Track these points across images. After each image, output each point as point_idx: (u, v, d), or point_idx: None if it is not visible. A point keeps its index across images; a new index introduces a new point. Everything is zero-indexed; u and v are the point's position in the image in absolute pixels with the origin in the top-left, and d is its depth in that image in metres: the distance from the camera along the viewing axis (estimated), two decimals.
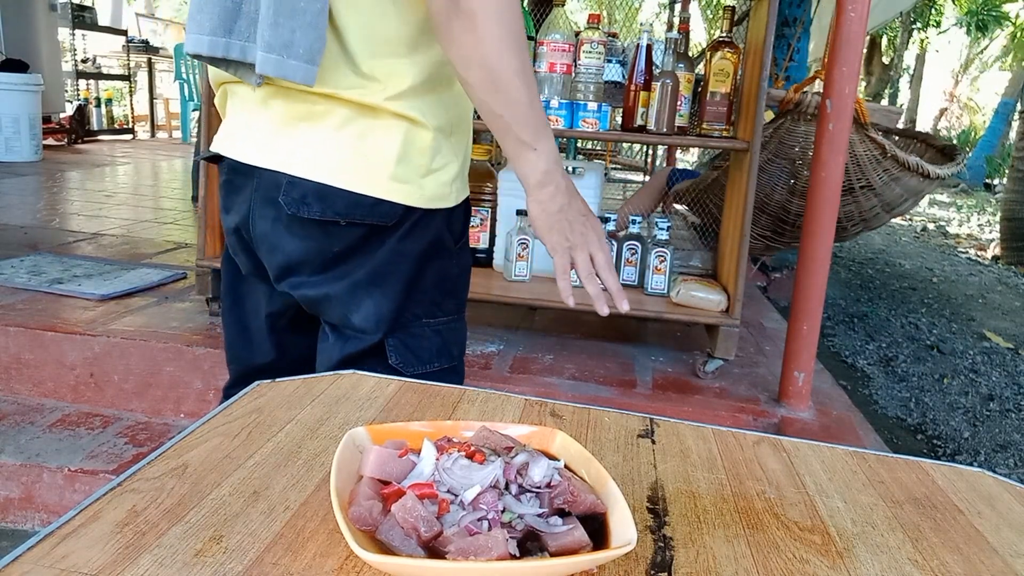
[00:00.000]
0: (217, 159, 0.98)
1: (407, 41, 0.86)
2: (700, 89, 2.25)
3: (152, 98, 9.10)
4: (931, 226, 8.75)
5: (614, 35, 3.02)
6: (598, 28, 2.13)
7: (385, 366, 0.93)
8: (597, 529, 0.50)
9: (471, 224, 2.44)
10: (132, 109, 9.66)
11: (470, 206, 1.02)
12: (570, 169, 2.53)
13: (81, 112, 7.45)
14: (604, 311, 0.91)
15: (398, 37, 0.86)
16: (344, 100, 0.86)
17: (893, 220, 8.92)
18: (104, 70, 8.76)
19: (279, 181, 0.88)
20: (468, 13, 0.78)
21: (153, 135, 9.00)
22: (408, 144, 0.89)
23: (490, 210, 2.43)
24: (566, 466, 0.57)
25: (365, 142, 0.87)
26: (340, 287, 0.93)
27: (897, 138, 3.38)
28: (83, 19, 7.83)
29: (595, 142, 6.85)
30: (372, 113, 0.87)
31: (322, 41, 0.81)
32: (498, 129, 0.86)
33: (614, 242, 2.37)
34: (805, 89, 2.75)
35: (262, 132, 0.90)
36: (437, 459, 0.53)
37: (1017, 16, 15.19)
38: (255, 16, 0.82)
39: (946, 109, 18.88)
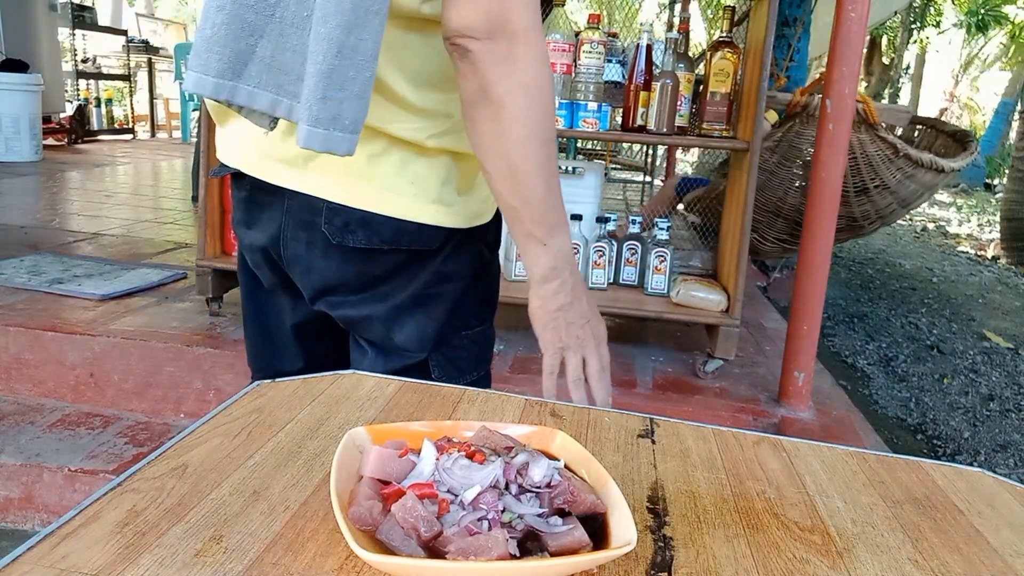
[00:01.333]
0: (237, 174, 0.93)
1: (449, 78, 0.83)
2: (700, 89, 2.25)
3: (152, 98, 9.10)
4: (931, 226, 8.75)
5: (614, 35, 3.02)
6: (598, 28, 2.13)
7: (426, 379, 0.90)
8: (597, 529, 0.50)
9: None
10: (132, 109, 9.66)
11: (501, 216, 0.99)
12: (570, 169, 2.53)
13: (81, 112, 7.45)
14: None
15: (441, 74, 0.84)
16: (387, 137, 0.84)
17: (900, 218, 8.94)
18: (104, 70, 8.76)
19: (316, 206, 0.85)
20: (496, 103, 0.75)
21: (153, 135, 9.00)
22: (450, 170, 0.88)
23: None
24: (566, 466, 0.57)
25: (407, 169, 0.85)
26: (382, 308, 0.91)
27: (904, 128, 3.39)
28: (83, 19, 7.83)
29: (595, 142, 6.86)
30: (421, 151, 0.85)
31: (366, 110, 0.76)
32: (510, 218, 0.83)
33: (614, 242, 2.37)
34: (813, 91, 2.76)
35: (289, 152, 0.85)
36: (437, 459, 0.53)
37: (1016, 16, 15.19)
38: (269, 61, 0.76)
39: (946, 109, 18.88)
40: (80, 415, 2.06)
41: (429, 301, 0.91)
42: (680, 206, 3.54)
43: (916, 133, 3.45)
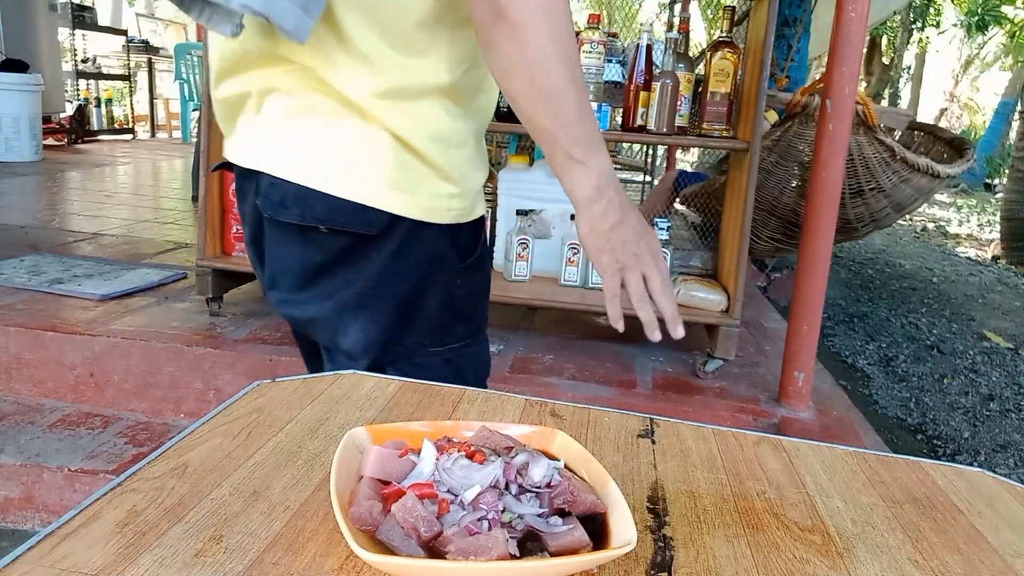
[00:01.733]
0: (228, 167, 0.93)
1: (408, 38, 0.80)
2: (700, 89, 2.25)
3: (152, 98, 9.10)
4: (931, 226, 8.75)
5: (614, 35, 3.02)
6: (598, 28, 2.13)
7: None
8: (597, 529, 0.50)
9: None
10: (132, 109, 9.66)
11: (484, 224, 0.95)
12: None
13: (81, 112, 7.45)
14: (656, 337, 0.84)
15: (398, 29, 0.79)
16: (335, 96, 0.81)
17: (894, 222, 8.92)
18: (104, 70, 8.76)
19: (261, 184, 0.84)
20: (513, 22, 0.72)
21: (153, 135, 9.00)
22: (398, 152, 0.82)
23: (490, 210, 2.43)
24: (566, 466, 0.57)
25: (354, 145, 0.82)
26: (327, 308, 0.87)
27: (903, 132, 3.39)
28: (83, 19, 7.83)
29: None
30: (363, 115, 0.81)
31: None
32: (545, 142, 0.80)
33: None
34: (813, 92, 2.76)
35: (259, 134, 0.85)
36: (437, 459, 0.53)
37: (1016, 16, 15.19)
38: None
39: (946, 109, 18.88)
40: (80, 415, 2.06)
41: (374, 301, 0.86)
42: (677, 201, 3.54)
43: (914, 139, 3.45)
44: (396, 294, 0.87)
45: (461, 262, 0.90)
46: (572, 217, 2.29)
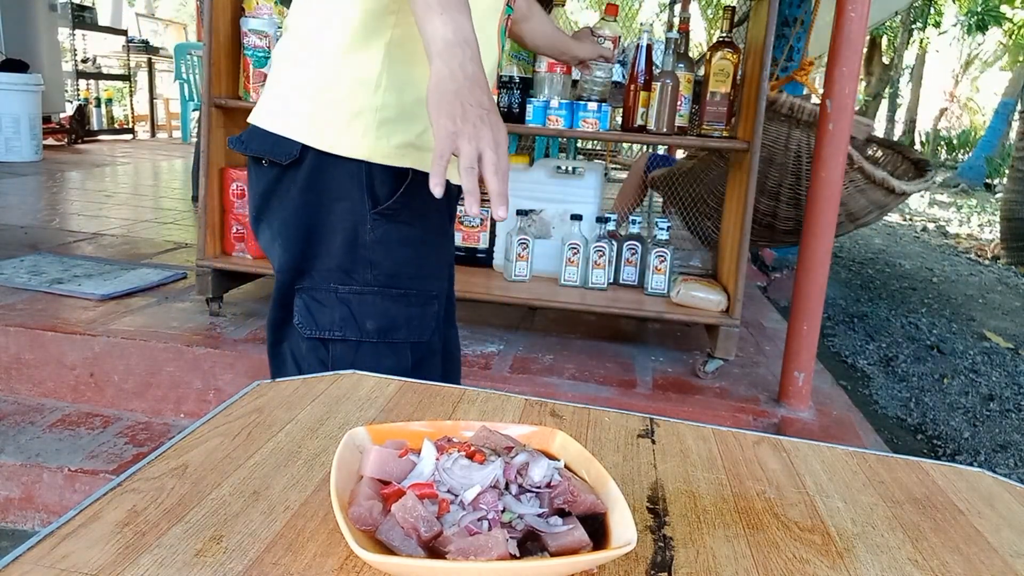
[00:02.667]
0: None
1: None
2: (700, 89, 2.25)
3: (152, 98, 9.10)
4: (931, 226, 8.75)
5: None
6: (614, 20, 2.13)
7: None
8: (597, 529, 0.50)
9: (471, 224, 2.45)
10: (132, 109, 9.66)
11: (416, 180, 0.96)
12: (570, 169, 2.53)
13: (81, 112, 7.45)
14: (473, 210, 0.80)
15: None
16: (294, 44, 0.97)
17: (893, 220, 8.89)
18: (104, 70, 8.76)
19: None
20: None
21: (153, 135, 9.00)
22: (322, 90, 0.93)
23: (490, 210, 2.42)
24: (566, 466, 0.57)
25: (286, 87, 0.96)
26: (266, 237, 1.01)
27: (875, 147, 3.39)
28: (83, 19, 7.83)
29: (595, 142, 6.85)
30: (304, 60, 0.95)
31: None
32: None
33: (614, 242, 2.37)
34: (781, 88, 2.72)
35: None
36: (437, 459, 0.53)
37: (1015, 16, 15.18)
38: None
39: (946, 109, 18.88)
40: (80, 415, 2.06)
41: (287, 229, 0.97)
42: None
43: (881, 154, 3.43)
44: (303, 224, 0.96)
45: (372, 207, 0.95)
46: (572, 217, 2.30)
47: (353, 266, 0.95)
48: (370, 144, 0.93)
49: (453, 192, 1.04)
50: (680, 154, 4.41)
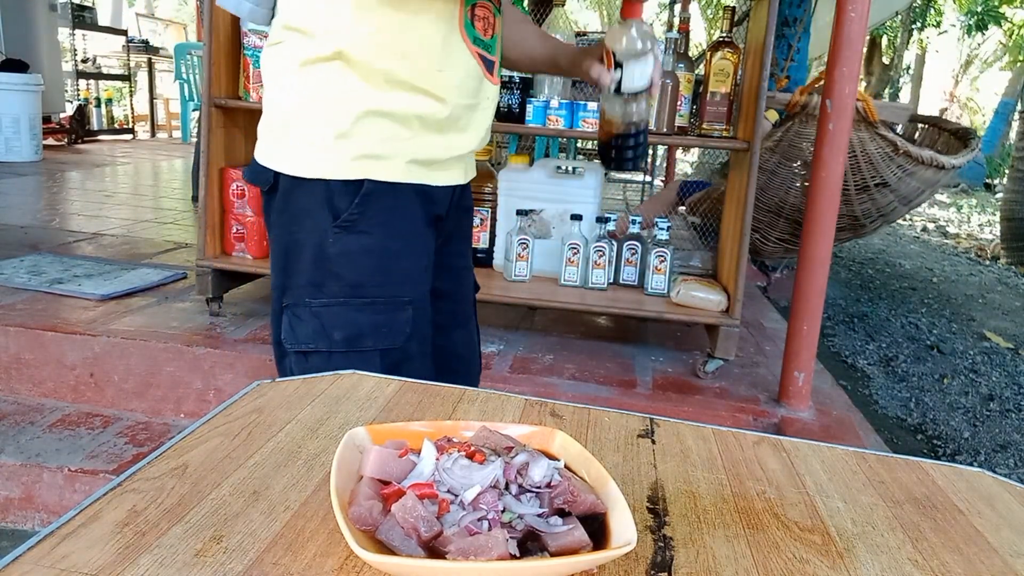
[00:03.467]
0: None
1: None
2: (700, 89, 2.25)
3: (152, 98, 9.10)
4: (931, 226, 8.75)
5: None
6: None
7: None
8: (597, 529, 0.50)
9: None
10: (132, 109, 9.66)
11: (374, 189, 0.98)
12: (570, 169, 2.53)
13: (81, 112, 7.45)
14: None
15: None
16: (264, 68, 1.02)
17: (902, 216, 8.92)
18: (104, 70, 8.76)
19: None
20: None
21: (153, 135, 9.00)
22: (287, 114, 0.98)
23: (490, 210, 2.43)
24: (566, 466, 0.57)
25: (263, 114, 1.02)
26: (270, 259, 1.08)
27: (906, 126, 3.40)
28: (83, 19, 7.83)
29: (595, 142, 6.84)
30: (281, 86, 0.99)
31: None
32: None
33: (614, 242, 2.37)
34: (812, 91, 2.76)
35: None
36: (437, 459, 0.53)
37: (1014, 16, 15.18)
38: None
39: (946, 109, 18.87)
40: (80, 415, 2.06)
41: (272, 249, 1.05)
42: (682, 209, 3.55)
43: (917, 132, 3.46)
44: (282, 245, 1.02)
45: (333, 220, 0.98)
46: (572, 217, 2.29)
47: (323, 280, 0.99)
48: (327, 161, 0.96)
49: (435, 196, 1.05)
50: (683, 153, 4.41)
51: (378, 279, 1.00)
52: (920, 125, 3.47)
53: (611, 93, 1.06)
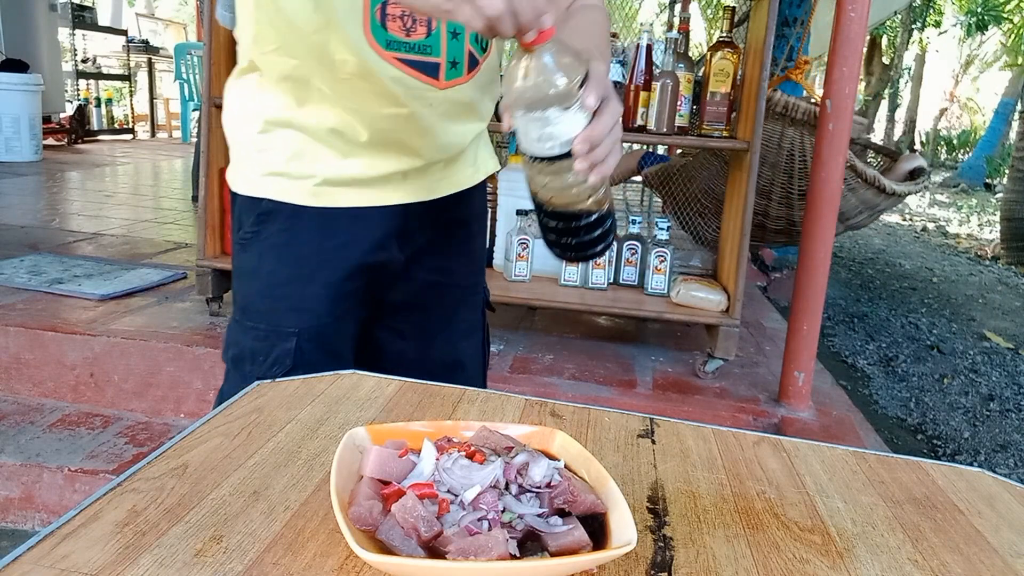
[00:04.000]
0: None
1: (239, 19, 0.90)
2: (700, 89, 2.25)
3: (152, 98, 9.10)
4: (931, 226, 8.75)
5: (614, 35, 3.02)
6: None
7: None
8: (597, 529, 0.50)
9: None
10: (132, 109, 9.66)
11: (271, 209, 0.93)
12: None
13: (81, 112, 7.45)
14: None
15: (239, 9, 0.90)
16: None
17: (893, 220, 8.88)
18: (104, 70, 8.76)
19: None
20: None
21: (153, 135, 9.00)
22: (225, 123, 0.97)
23: (490, 210, 2.43)
24: (566, 466, 0.57)
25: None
26: None
27: (871, 153, 3.39)
28: (83, 19, 7.83)
29: None
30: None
31: None
32: None
33: (614, 242, 2.37)
34: (776, 87, 2.72)
35: None
36: (437, 459, 0.53)
37: (1013, 16, 15.18)
38: None
39: (946, 109, 18.88)
40: (80, 415, 2.06)
41: None
42: (639, 179, 3.56)
43: (880, 161, 3.43)
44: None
45: (236, 233, 0.98)
46: None
47: (233, 295, 1.02)
48: (240, 174, 0.96)
49: (369, 217, 0.94)
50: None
51: (261, 304, 0.96)
52: (881, 157, 3.44)
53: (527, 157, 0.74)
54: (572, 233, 0.77)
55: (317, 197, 0.92)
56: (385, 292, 1.02)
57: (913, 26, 15.26)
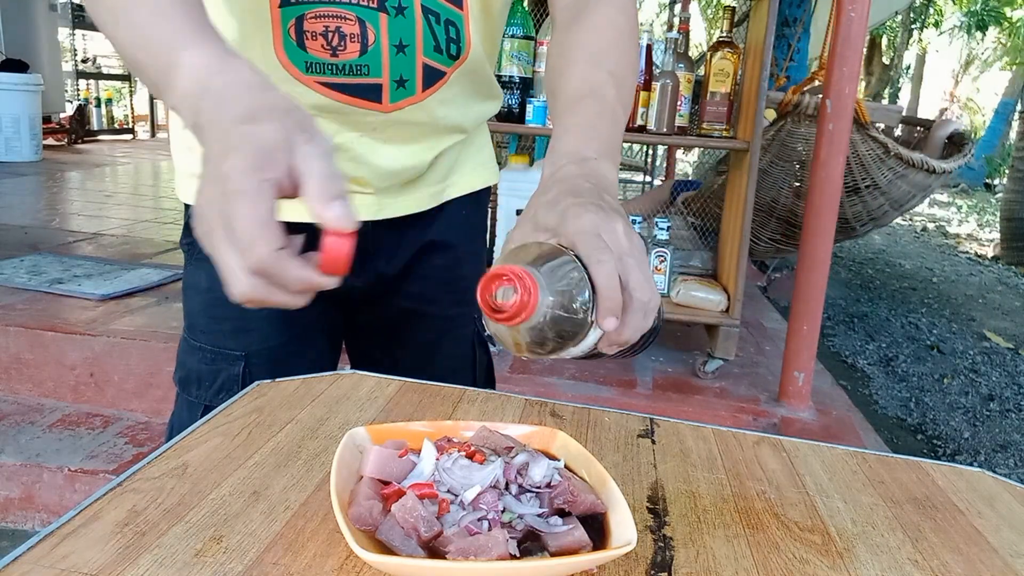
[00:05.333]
0: None
1: None
2: (700, 89, 2.25)
3: (152, 98, 9.09)
4: (931, 226, 8.75)
5: None
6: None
7: None
8: (597, 529, 0.50)
9: None
10: (132, 109, 9.66)
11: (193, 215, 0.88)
12: None
13: (81, 112, 7.45)
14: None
15: None
16: None
17: (893, 220, 8.91)
18: (104, 70, 8.76)
19: None
20: None
21: (153, 135, 9.00)
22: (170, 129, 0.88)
23: (490, 210, 2.43)
24: (566, 466, 0.57)
25: None
26: None
27: (903, 128, 3.40)
28: (83, 19, 7.83)
29: None
30: None
31: None
32: None
33: None
34: (804, 90, 2.75)
35: None
36: (437, 459, 0.53)
37: (1013, 16, 15.18)
38: None
39: (946, 109, 18.88)
40: (80, 415, 2.06)
41: None
42: (679, 201, 3.55)
43: (914, 134, 3.46)
44: None
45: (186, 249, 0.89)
46: None
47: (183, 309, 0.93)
48: (177, 178, 0.88)
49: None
50: (682, 153, 4.41)
51: (203, 323, 0.88)
52: (918, 129, 3.47)
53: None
54: (625, 353, 0.60)
55: None
56: (354, 317, 0.94)
57: (913, 26, 15.26)
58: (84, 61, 8.17)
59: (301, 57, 0.72)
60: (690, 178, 4.23)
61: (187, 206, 0.87)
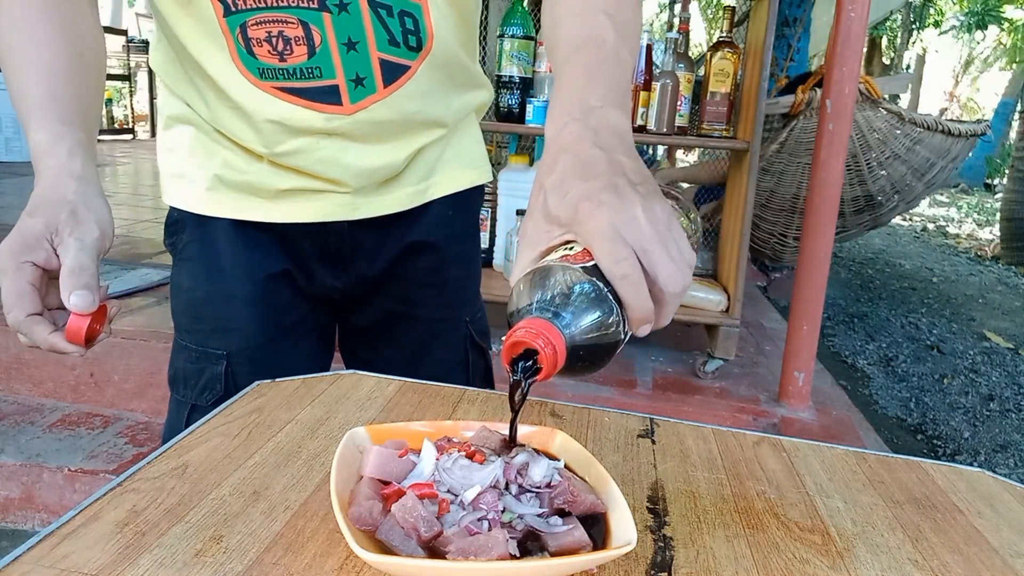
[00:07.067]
0: None
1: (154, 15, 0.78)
2: (700, 89, 2.25)
3: (152, 98, 9.10)
4: (931, 226, 8.75)
5: None
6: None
7: None
8: (597, 529, 0.50)
9: None
10: (132, 109, 9.66)
11: (178, 217, 0.87)
12: None
13: None
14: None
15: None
16: None
17: (893, 220, 8.91)
18: None
19: None
20: None
21: (153, 135, 8.99)
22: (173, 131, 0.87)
23: (490, 210, 2.43)
24: (566, 466, 0.57)
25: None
26: None
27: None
28: None
29: None
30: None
31: None
32: None
33: None
34: (812, 87, 2.78)
35: None
36: (437, 459, 0.53)
37: (1013, 17, 15.19)
38: None
39: (946, 109, 18.88)
40: (80, 415, 2.06)
41: None
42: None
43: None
44: None
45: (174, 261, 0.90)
46: None
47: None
48: (161, 180, 0.87)
49: (287, 234, 0.84)
50: (683, 153, 4.41)
51: (187, 323, 0.89)
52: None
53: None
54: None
55: (217, 205, 0.82)
56: (344, 318, 0.94)
57: (913, 26, 15.26)
58: None
59: (254, 64, 0.73)
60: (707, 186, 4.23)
61: (171, 208, 0.88)
